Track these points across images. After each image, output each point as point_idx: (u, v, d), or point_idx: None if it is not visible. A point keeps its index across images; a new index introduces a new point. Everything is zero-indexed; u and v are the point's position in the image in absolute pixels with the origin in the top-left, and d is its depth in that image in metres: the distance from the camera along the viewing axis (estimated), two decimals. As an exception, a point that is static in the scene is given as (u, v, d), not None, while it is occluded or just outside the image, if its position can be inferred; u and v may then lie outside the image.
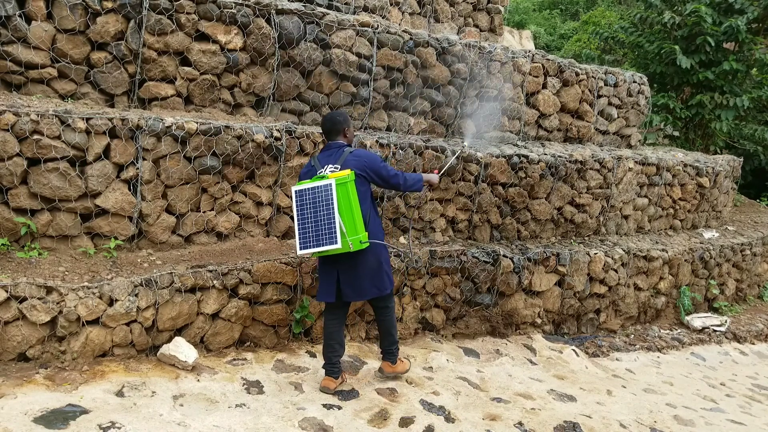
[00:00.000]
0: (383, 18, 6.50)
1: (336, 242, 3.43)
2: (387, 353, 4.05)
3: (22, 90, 4.14)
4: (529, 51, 6.48)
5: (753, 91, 10.06)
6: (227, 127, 4.27)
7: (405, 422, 3.54)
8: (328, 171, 3.62)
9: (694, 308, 7.05)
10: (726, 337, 6.62)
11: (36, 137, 3.65)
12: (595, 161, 6.31)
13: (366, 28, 5.27)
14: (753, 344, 6.69)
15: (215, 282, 3.96)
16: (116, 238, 4.03)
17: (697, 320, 6.70)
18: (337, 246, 3.43)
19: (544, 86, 6.64)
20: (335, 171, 3.59)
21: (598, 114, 7.22)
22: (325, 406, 3.57)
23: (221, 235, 4.47)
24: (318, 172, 3.67)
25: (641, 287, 6.44)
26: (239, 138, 4.31)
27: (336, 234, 3.43)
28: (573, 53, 15.01)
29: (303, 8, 4.94)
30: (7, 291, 3.31)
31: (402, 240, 5.18)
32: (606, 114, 7.32)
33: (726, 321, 6.81)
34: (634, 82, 7.54)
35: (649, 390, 4.87)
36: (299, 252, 3.55)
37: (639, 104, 7.65)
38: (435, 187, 5.25)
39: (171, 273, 3.82)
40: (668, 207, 7.46)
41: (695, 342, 6.34)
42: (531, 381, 4.59)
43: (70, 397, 3.15)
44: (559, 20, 21.33)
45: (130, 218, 4.06)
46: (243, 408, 3.38)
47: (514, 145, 6.17)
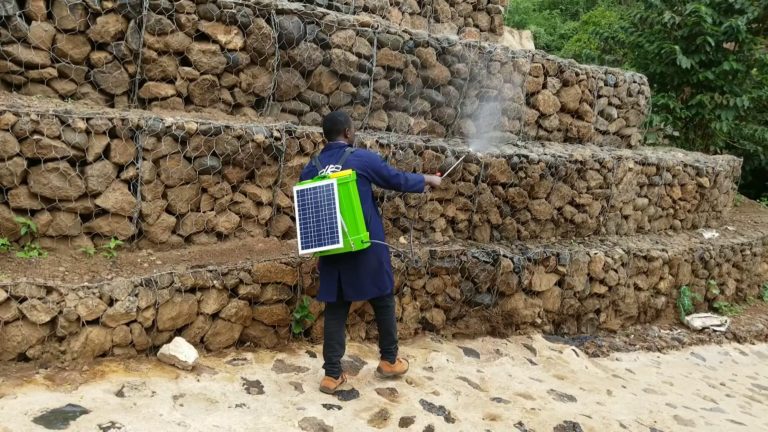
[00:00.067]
0: (383, 18, 6.50)
1: (338, 242, 3.43)
2: (386, 353, 4.05)
3: (22, 90, 4.14)
4: (529, 51, 6.47)
5: (753, 91, 10.06)
6: (227, 127, 4.27)
7: (405, 422, 3.54)
8: (330, 171, 3.62)
9: (694, 308, 7.05)
10: (726, 337, 6.62)
11: (36, 137, 3.65)
12: (595, 161, 6.31)
13: (366, 28, 5.27)
14: (753, 344, 6.69)
15: (215, 282, 3.96)
16: (116, 238, 4.03)
17: (697, 320, 6.70)
18: (339, 245, 3.44)
19: (544, 86, 6.64)
20: (336, 171, 3.59)
21: (598, 114, 7.22)
22: (325, 406, 3.57)
23: (221, 235, 4.47)
24: (319, 172, 3.67)
25: (641, 287, 6.44)
26: (239, 138, 4.31)
27: (338, 233, 3.43)
28: (573, 53, 15.00)
29: (303, 8, 4.94)
30: (7, 291, 3.31)
31: (402, 240, 5.18)
32: (606, 114, 7.32)
33: (726, 321, 6.81)
34: (634, 82, 7.54)
35: (649, 390, 4.87)
36: (301, 252, 3.56)
37: (639, 104, 7.65)
38: (436, 189, 5.25)
39: (171, 273, 3.82)
40: (668, 207, 7.46)
41: (695, 342, 6.34)
42: (531, 381, 4.59)
43: (70, 397, 3.15)
44: (559, 20, 21.33)
45: (130, 218, 4.06)
46: (243, 408, 3.38)
47: (514, 145, 6.17)
